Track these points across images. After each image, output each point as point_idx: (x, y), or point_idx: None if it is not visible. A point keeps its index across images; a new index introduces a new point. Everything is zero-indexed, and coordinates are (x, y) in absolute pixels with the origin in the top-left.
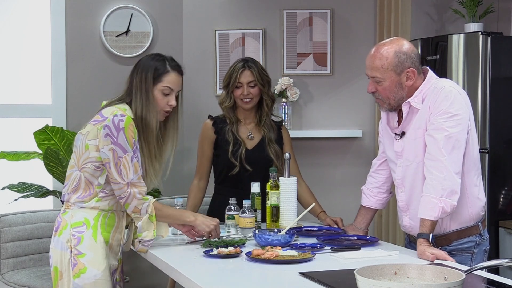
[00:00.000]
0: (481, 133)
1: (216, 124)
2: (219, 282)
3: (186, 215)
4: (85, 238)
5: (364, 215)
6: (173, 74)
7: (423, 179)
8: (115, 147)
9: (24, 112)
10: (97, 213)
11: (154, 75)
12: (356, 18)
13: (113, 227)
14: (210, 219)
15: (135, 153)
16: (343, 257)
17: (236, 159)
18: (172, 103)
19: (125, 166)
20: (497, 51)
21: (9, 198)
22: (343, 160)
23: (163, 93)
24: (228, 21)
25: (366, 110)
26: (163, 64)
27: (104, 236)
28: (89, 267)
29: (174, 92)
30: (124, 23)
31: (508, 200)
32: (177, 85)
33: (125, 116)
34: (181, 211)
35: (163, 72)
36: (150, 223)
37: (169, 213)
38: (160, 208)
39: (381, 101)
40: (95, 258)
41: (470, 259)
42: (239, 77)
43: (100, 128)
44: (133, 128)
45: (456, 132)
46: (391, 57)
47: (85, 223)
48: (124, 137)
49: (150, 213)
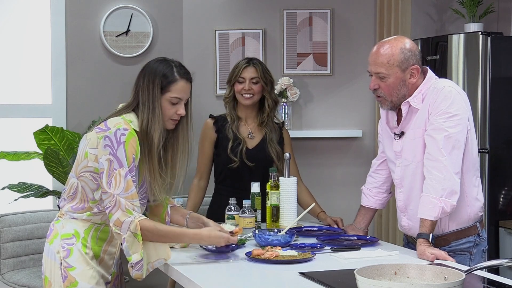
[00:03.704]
0: (481, 133)
1: (217, 123)
2: (219, 282)
3: (190, 234)
4: (74, 251)
5: (364, 215)
6: (182, 82)
7: (422, 179)
8: (112, 158)
9: (24, 112)
10: (89, 226)
11: (162, 84)
12: (356, 18)
13: (105, 241)
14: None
15: (131, 171)
16: (343, 257)
17: (235, 155)
18: (181, 112)
19: (116, 179)
20: (497, 51)
21: (9, 198)
22: (343, 160)
23: (171, 103)
24: (228, 21)
25: (366, 110)
26: (171, 72)
27: (94, 250)
28: (80, 281)
29: (183, 101)
30: (124, 23)
31: (508, 200)
32: (186, 94)
33: (128, 130)
34: (181, 229)
35: (172, 81)
36: (136, 242)
37: (166, 232)
38: (150, 229)
39: (383, 99)
40: (84, 272)
41: (468, 260)
42: (242, 72)
43: (100, 137)
44: (135, 144)
45: (456, 132)
46: (397, 54)
47: (75, 235)
48: (123, 151)
49: (133, 231)
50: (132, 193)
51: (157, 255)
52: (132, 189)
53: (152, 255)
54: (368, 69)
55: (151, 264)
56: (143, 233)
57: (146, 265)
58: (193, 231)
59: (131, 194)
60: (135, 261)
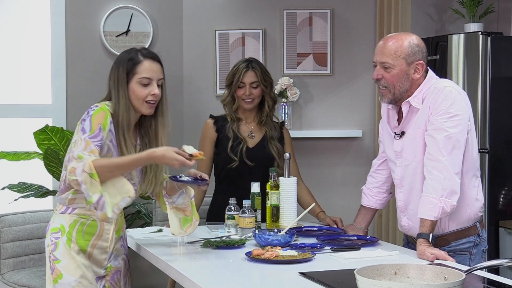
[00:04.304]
0: (481, 133)
1: (218, 122)
2: (219, 282)
3: (144, 156)
4: (60, 245)
5: (364, 215)
6: (147, 62)
7: (422, 179)
8: (80, 129)
9: (24, 112)
10: (74, 220)
11: (127, 69)
12: (356, 18)
13: (93, 235)
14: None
15: (95, 138)
16: (343, 257)
17: (235, 155)
18: (155, 92)
19: (77, 143)
20: (497, 51)
21: (9, 198)
22: (343, 160)
23: (141, 85)
24: (228, 21)
25: (366, 110)
26: (135, 55)
27: (80, 244)
28: (64, 274)
29: (154, 81)
30: (124, 23)
31: (508, 200)
32: (154, 73)
33: (98, 106)
34: (134, 155)
35: (136, 63)
36: (94, 182)
37: (121, 162)
38: (104, 164)
39: (386, 89)
40: (69, 265)
41: (468, 260)
42: (243, 77)
43: (79, 123)
44: (103, 117)
45: (456, 133)
46: (405, 46)
47: (61, 229)
48: (89, 122)
49: (88, 171)
50: (90, 150)
51: (120, 194)
52: (91, 146)
53: (115, 196)
54: (373, 60)
55: (116, 206)
56: (98, 170)
57: (111, 207)
58: (147, 151)
59: (89, 151)
60: (96, 200)
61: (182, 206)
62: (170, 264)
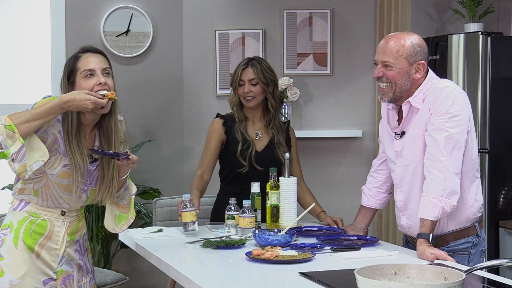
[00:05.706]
0: (481, 133)
1: (226, 123)
2: (219, 282)
3: (56, 101)
4: (7, 242)
5: (364, 215)
6: (85, 55)
7: (421, 179)
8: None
9: None
10: (24, 217)
11: (70, 67)
12: (356, 18)
13: (41, 236)
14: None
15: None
16: (343, 257)
17: (245, 159)
18: (101, 81)
19: None
20: (497, 51)
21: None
22: (343, 160)
23: (85, 77)
24: (228, 21)
25: (366, 110)
26: (75, 54)
27: (27, 243)
28: (6, 272)
29: (97, 71)
30: (124, 23)
31: (508, 200)
32: (95, 63)
33: (50, 96)
34: (47, 103)
35: (76, 59)
36: (11, 133)
37: (35, 111)
38: (20, 115)
39: (387, 87)
40: (12, 263)
41: (467, 260)
42: (241, 74)
43: None
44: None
45: (456, 133)
46: (408, 46)
47: (10, 226)
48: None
49: (4, 123)
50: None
51: (33, 159)
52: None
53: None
54: (374, 58)
55: (29, 167)
56: (14, 122)
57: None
58: (58, 97)
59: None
60: (16, 150)
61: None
62: (170, 264)
